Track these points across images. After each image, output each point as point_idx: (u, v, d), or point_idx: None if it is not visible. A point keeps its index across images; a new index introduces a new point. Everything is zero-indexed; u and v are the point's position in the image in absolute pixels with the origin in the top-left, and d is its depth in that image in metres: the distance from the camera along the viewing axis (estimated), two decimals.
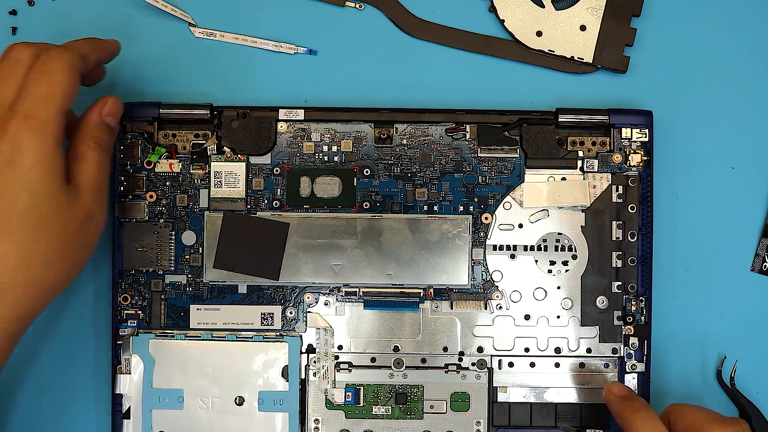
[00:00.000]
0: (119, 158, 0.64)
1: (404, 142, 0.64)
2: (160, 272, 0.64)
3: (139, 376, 0.63)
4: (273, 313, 0.64)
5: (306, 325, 0.64)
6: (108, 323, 0.64)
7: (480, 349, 0.64)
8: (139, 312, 0.64)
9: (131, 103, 0.63)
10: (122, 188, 0.64)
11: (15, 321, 0.55)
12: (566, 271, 0.64)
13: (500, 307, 0.64)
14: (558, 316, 0.64)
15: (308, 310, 0.64)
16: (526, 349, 0.64)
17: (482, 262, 0.64)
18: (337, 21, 0.66)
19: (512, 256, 0.64)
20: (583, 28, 0.66)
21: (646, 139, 0.64)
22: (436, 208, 0.64)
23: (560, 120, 0.64)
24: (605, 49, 0.65)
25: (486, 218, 0.64)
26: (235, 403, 0.63)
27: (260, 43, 0.66)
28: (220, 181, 0.64)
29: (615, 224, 0.64)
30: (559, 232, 0.64)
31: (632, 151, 0.64)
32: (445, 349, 0.64)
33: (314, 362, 0.64)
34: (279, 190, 0.64)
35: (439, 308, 0.64)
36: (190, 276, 0.64)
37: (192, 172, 0.64)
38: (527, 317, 0.64)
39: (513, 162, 0.64)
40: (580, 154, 0.64)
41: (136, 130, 0.64)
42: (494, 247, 0.64)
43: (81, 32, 0.64)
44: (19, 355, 0.64)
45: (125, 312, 0.64)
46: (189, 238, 0.64)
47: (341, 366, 0.64)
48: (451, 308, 0.64)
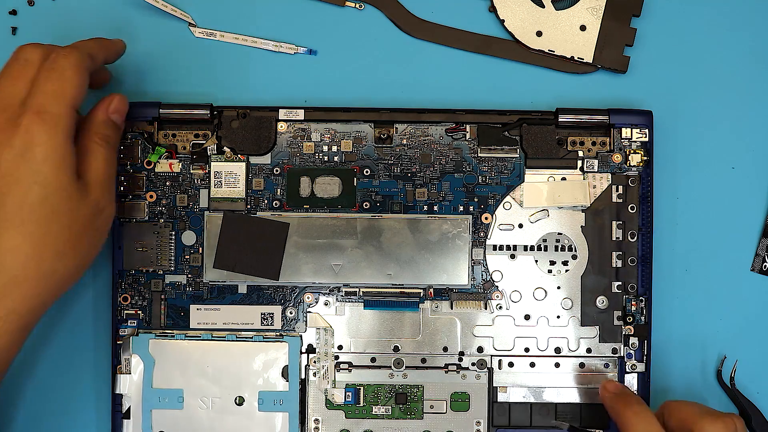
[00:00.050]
0: (119, 158, 0.64)
1: (404, 142, 0.64)
2: (160, 272, 0.64)
3: (139, 376, 0.63)
4: (273, 313, 0.64)
5: (306, 325, 0.64)
6: (108, 323, 0.64)
7: (480, 349, 0.64)
8: (139, 312, 0.64)
9: (131, 103, 0.63)
10: (122, 188, 0.64)
11: (27, 313, 0.55)
12: (566, 271, 0.64)
13: (500, 307, 0.64)
14: (558, 316, 0.64)
15: (308, 310, 0.64)
16: (526, 349, 0.64)
17: (482, 262, 0.64)
18: (337, 21, 0.66)
19: (512, 256, 0.64)
20: (583, 28, 0.66)
21: (646, 139, 0.64)
22: (436, 208, 0.64)
23: (560, 120, 0.64)
24: (605, 49, 0.65)
25: (486, 218, 0.64)
26: (235, 403, 0.63)
27: (260, 43, 0.66)
28: (220, 181, 0.64)
29: (615, 224, 0.64)
30: (559, 232, 0.64)
31: (632, 151, 0.64)
32: (445, 349, 0.64)
33: (314, 362, 0.64)
34: (279, 190, 0.64)
35: (439, 308, 0.64)
36: (190, 276, 0.64)
37: (192, 172, 0.64)
38: (527, 317, 0.64)
39: (513, 162, 0.64)
40: (580, 154, 0.64)
41: (136, 130, 0.64)
42: (494, 247, 0.64)
43: (81, 32, 0.64)
44: (20, 355, 0.64)
45: (125, 312, 0.64)
46: (189, 238, 0.64)
47: (341, 366, 0.64)
48: (451, 308, 0.64)
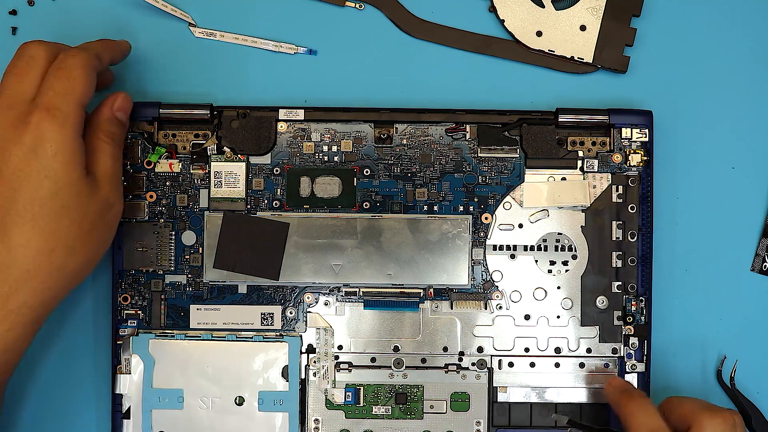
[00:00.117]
0: None
1: (404, 142, 0.64)
2: (160, 272, 0.64)
3: (139, 376, 0.63)
4: (273, 313, 0.64)
5: (306, 325, 0.64)
6: (108, 323, 0.64)
7: (480, 349, 0.64)
8: (139, 312, 0.64)
9: None
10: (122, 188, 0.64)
11: (38, 307, 0.56)
12: (566, 271, 0.64)
13: (500, 307, 0.64)
14: (558, 316, 0.64)
15: (308, 310, 0.64)
16: (526, 349, 0.64)
17: (482, 262, 0.64)
18: (337, 21, 0.66)
19: (512, 256, 0.64)
20: (583, 28, 0.66)
21: (646, 139, 0.64)
22: (436, 208, 0.64)
23: (560, 120, 0.64)
24: (605, 49, 0.65)
25: (486, 218, 0.64)
26: (235, 403, 0.63)
27: (260, 43, 0.66)
28: (220, 181, 0.64)
29: (615, 224, 0.64)
30: (559, 232, 0.64)
31: (632, 151, 0.64)
32: (445, 349, 0.64)
33: (314, 362, 0.64)
34: (279, 190, 0.64)
35: (439, 308, 0.64)
36: (190, 276, 0.64)
37: (192, 172, 0.64)
38: (527, 317, 0.64)
39: (513, 162, 0.64)
40: (580, 154, 0.64)
41: (136, 130, 0.64)
42: (494, 247, 0.64)
43: (81, 32, 0.65)
44: None
45: (125, 312, 0.64)
46: (189, 238, 0.64)
47: (341, 366, 0.64)
48: (451, 308, 0.64)
